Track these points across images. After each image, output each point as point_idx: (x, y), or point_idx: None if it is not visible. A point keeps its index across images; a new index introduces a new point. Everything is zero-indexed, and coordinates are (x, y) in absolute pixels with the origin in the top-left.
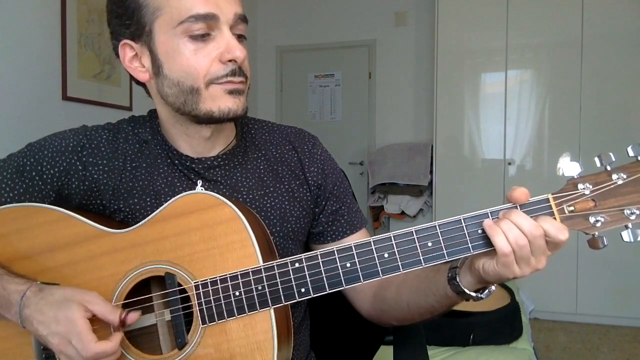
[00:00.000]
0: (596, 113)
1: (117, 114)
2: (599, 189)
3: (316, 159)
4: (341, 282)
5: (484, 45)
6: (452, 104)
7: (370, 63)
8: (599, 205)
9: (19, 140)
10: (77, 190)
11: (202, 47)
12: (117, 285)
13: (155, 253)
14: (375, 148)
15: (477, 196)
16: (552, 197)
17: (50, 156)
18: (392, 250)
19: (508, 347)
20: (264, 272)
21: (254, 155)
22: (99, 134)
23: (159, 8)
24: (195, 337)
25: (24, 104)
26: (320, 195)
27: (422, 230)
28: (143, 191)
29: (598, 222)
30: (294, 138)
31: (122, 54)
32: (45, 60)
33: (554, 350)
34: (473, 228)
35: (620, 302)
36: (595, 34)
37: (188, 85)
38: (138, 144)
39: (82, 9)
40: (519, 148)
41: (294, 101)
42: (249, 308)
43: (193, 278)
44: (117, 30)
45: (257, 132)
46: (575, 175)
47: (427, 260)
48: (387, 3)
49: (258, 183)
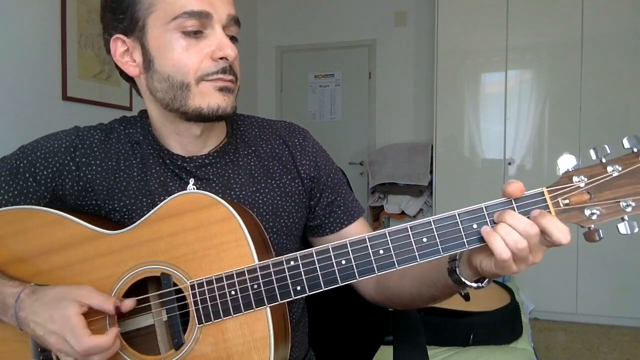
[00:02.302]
0: (596, 113)
1: (117, 114)
2: (594, 181)
3: (308, 151)
4: (337, 280)
5: (484, 45)
6: (452, 104)
7: (370, 63)
8: (594, 197)
9: (19, 140)
10: (71, 190)
11: (194, 43)
12: (114, 286)
13: (151, 254)
14: (375, 148)
15: (477, 196)
16: (547, 190)
17: (43, 157)
18: (387, 247)
19: (508, 347)
20: (259, 271)
21: (245, 151)
22: (91, 134)
23: (154, 4)
24: (192, 336)
25: (24, 104)
26: (315, 187)
27: (417, 226)
28: (138, 191)
29: (594, 214)
30: (284, 132)
31: (113, 49)
32: (45, 60)
33: (554, 350)
34: (468, 223)
35: (620, 302)
36: (595, 34)
37: (178, 80)
38: (130, 144)
39: (82, 9)
40: (519, 148)
41: (294, 101)
42: (245, 307)
43: (189, 278)
44: (109, 24)
45: (247, 128)
46: (570, 168)
47: (422, 256)
48: (387, 3)
49: (249, 179)
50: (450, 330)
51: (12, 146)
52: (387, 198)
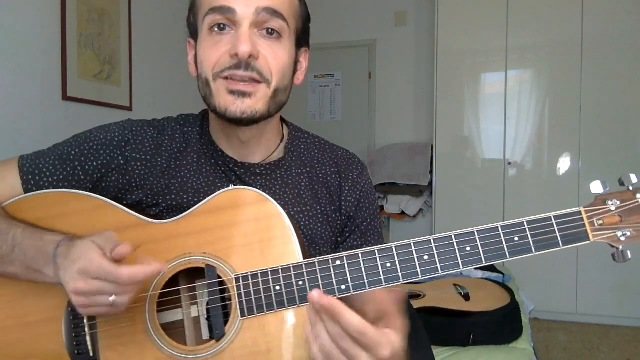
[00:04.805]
0: (596, 113)
1: (117, 114)
2: (624, 205)
3: (357, 189)
4: (381, 281)
5: (484, 45)
6: (452, 104)
7: (370, 63)
8: (625, 220)
9: (19, 140)
10: (116, 183)
11: (218, 40)
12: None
13: (196, 245)
14: (375, 148)
15: (477, 196)
16: (584, 210)
17: (95, 149)
18: (432, 253)
19: (508, 347)
20: (305, 268)
21: (298, 170)
22: (144, 130)
23: (200, 6)
24: (233, 329)
25: (24, 104)
26: (348, 226)
27: (461, 235)
28: (181, 188)
29: (624, 236)
30: (342, 162)
31: (188, 51)
32: (45, 60)
33: (554, 350)
34: (509, 236)
35: (620, 302)
36: (595, 34)
37: (204, 77)
38: (185, 142)
39: (82, 9)
40: (519, 148)
41: (294, 101)
42: (289, 303)
43: (233, 271)
44: (188, 29)
45: (308, 147)
46: (603, 192)
47: (465, 264)
48: (387, 3)
49: (296, 199)
50: (450, 330)
51: (12, 146)
52: (387, 198)
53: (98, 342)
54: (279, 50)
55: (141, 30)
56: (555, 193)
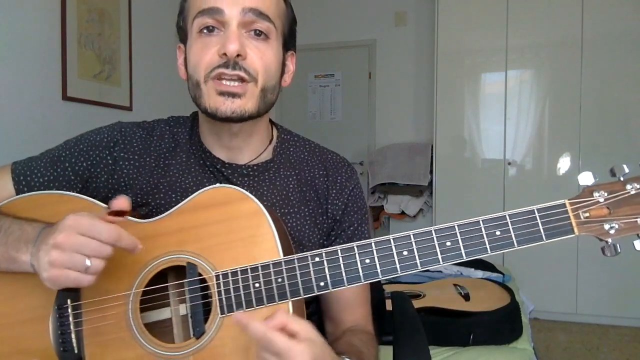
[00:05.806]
0: (596, 113)
1: (117, 114)
2: (613, 197)
3: (344, 192)
4: (359, 278)
5: (484, 45)
6: (452, 104)
7: (370, 63)
8: (613, 212)
9: (19, 140)
10: (105, 183)
11: (208, 42)
12: (140, 273)
13: (178, 243)
14: (375, 148)
15: (477, 196)
16: (569, 202)
17: (85, 150)
18: (411, 248)
19: (508, 347)
20: (284, 265)
21: (286, 172)
22: (133, 131)
23: (189, 10)
24: (213, 326)
25: (24, 104)
26: (334, 229)
27: (442, 230)
28: (170, 187)
29: (612, 228)
30: (331, 164)
31: (178, 56)
32: (45, 60)
33: (554, 350)
34: (491, 230)
35: (620, 302)
36: (595, 34)
37: (195, 79)
38: (174, 143)
39: (82, 9)
40: (519, 148)
41: (294, 101)
42: (268, 300)
43: (214, 269)
44: (177, 34)
45: (297, 150)
46: (590, 184)
47: (446, 259)
48: (387, 3)
49: (284, 201)
50: (450, 330)
51: (12, 146)
52: (387, 198)
53: (83, 339)
54: (266, 50)
55: (141, 30)
56: (555, 193)
